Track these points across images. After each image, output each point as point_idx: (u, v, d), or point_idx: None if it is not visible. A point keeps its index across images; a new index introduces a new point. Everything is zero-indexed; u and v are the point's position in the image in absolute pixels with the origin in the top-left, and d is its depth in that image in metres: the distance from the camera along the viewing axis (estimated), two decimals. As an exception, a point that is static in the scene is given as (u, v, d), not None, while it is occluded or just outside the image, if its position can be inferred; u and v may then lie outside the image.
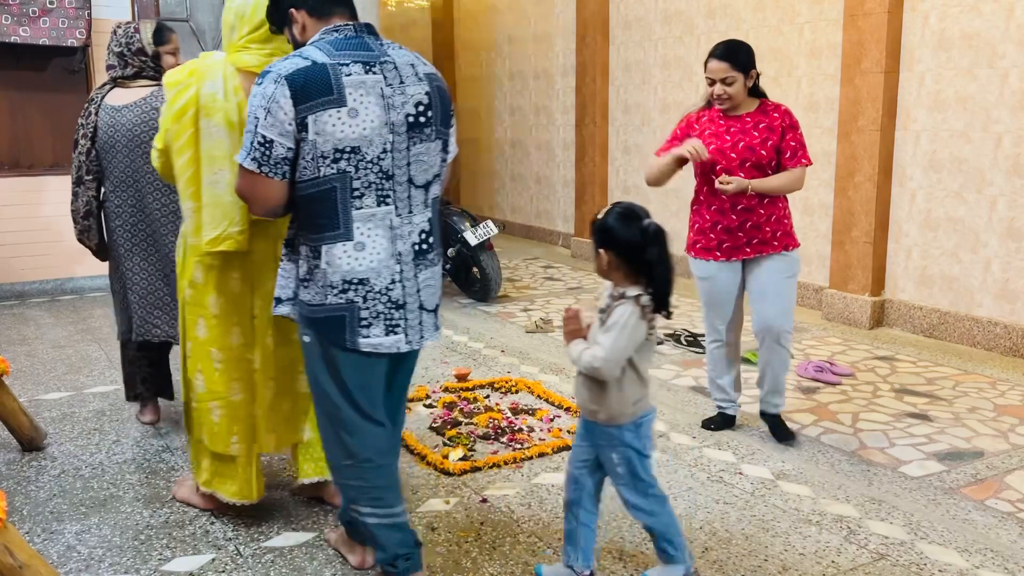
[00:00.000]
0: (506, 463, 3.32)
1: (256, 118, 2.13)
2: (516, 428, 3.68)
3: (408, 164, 2.25)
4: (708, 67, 3.35)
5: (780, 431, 3.61)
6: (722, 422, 3.76)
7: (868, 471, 3.29)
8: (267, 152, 2.13)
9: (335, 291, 2.20)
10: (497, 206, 9.86)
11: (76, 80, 6.51)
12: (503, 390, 4.23)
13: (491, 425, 3.70)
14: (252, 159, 2.14)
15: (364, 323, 2.21)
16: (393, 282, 2.24)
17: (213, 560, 2.66)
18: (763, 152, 3.35)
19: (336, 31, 2.23)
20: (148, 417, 3.76)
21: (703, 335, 5.10)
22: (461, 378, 4.32)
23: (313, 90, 2.10)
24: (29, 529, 2.86)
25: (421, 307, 2.31)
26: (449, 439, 3.57)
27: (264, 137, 2.12)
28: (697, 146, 3.28)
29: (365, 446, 2.34)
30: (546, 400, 4.07)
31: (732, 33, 6.36)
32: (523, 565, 2.61)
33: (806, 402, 4.06)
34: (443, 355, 4.79)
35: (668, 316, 2.34)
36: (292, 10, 2.29)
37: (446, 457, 3.35)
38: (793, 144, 3.37)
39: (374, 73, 2.18)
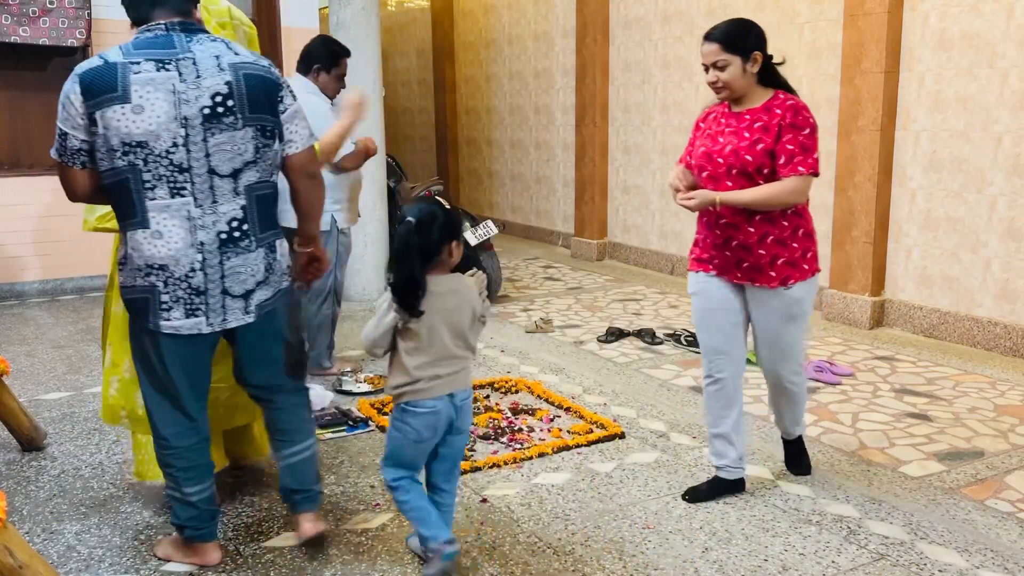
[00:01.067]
0: (506, 463, 3.32)
1: (59, 112, 2.34)
2: (516, 428, 3.68)
3: (207, 155, 2.32)
4: (701, 50, 2.87)
5: (797, 462, 3.24)
6: (718, 488, 3.06)
7: (868, 471, 3.29)
8: (63, 143, 2.34)
9: (141, 275, 2.37)
10: (497, 206, 9.86)
11: (76, 80, 6.51)
12: (503, 390, 4.23)
13: (491, 425, 3.70)
14: (55, 149, 2.37)
15: (164, 306, 2.36)
16: (193, 270, 2.35)
17: (213, 560, 2.66)
18: (748, 157, 2.77)
19: (148, 31, 2.37)
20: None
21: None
22: (461, 378, 4.32)
23: (100, 87, 2.26)
24: (29, 529, 2.86)
25: (225, 292, 2.40)
26: (449, 439, 3.57)
27: (60, 129, 2.33)
28: (675, 178, 2.98)
29: (165, 426, 2.51)
30: (546, 400, 4.07)
31: (732, 33, 6.36)
32: (523, 565, 2.61)
33: (806, 402, 4.05)
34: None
35: (412, 314, 2.35)
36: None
37: (446, 457, 3.35)
38: (790, 148, 2.75)
39: (167, 70, 2.29)
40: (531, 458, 3.38)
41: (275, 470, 3.30)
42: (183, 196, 2.31)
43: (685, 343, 4.97)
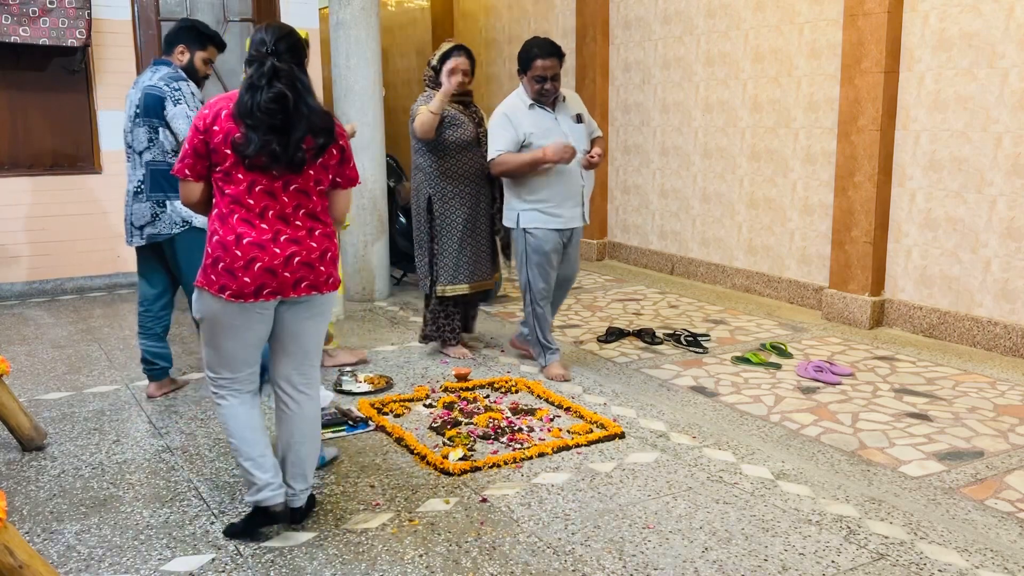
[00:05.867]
0: (506, 463, 3.32)
1: None
2: (516, 428, 3.68)
3: (133, 140, 3.97)
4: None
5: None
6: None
7: (868, 471, 3.29)
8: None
9: None
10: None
11: (76, 80, 6.51)
12: (503, 390, 4.23)
13: (491, 425, 3.70)
14: None
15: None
16: (126, 206, 4.03)
17: (213, 560, 2.66)
18: None
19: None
20: (460, 352, 4.72)
21: (704, 335, 5.12)
22: (461, 378, 4.32)
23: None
24: (29, 529, 2.86)
25: (131, 224, 3.97)
26: (449, 439, 3.57)
27: None
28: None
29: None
30: (546, 400, 4.07)
31: (732, 33, 6.37)
32: (523, 565, 2.61)
33: (806, 402, 4.06)
34: (443, 355, 4.79)
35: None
36: None
37: (446, 457, 3.35)
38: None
39: (133, 89, 4.02)
40: (531, 458, 3.38)
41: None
42: (128, 161, 4.03)
43: (685, 343, 4.97)
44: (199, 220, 3.88)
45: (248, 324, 2.68)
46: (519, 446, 3.50)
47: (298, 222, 2.67)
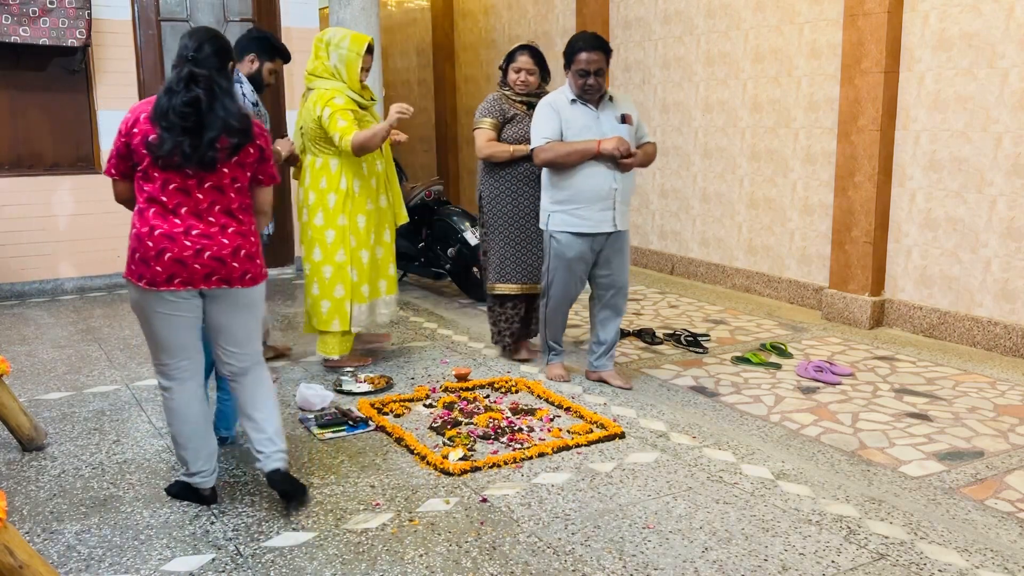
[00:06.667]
0: (506, 463, 3.32)
1: None
2: (516, 428, 3.68)
3: None
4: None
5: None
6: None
7: (868, 471, 3.29)
8: None
9: None
10: (497, 206, 9.85)
11: (76, 80, 6.51)
12: (503, 390, 4.23)
13: (491, 425, 3.70)
14: None
15: None
16: None
17: (213, 560, 2.66)
18: None
19: None
20: (524, 354, 4.68)
21: (704, 335, 5.12)
22: (461, 378, 4.32)
23: None
24: (29, 529, 2.86)
25: None
26: (449, 439, 3.57)
27: None
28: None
29: None
30: (546, 400, 4.07)
31: (732, 33, 6.37)
32: (523, 565, 2.61)
33: (806, 402, 4.06)
34: (443, 355, 4.79)
35: None
36: None
37: (446, 457, 3.35)
38: None
39: None
40: (531, 458, 3.38)
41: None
42: None
43: (685, 343, 4.97)
44: None
45: (169, 311, 2.84)
46: (519, 446, 3.50)
47: (212, 218, 2.83)
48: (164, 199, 2.79)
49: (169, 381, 2.94)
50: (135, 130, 2.80)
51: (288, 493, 2.95)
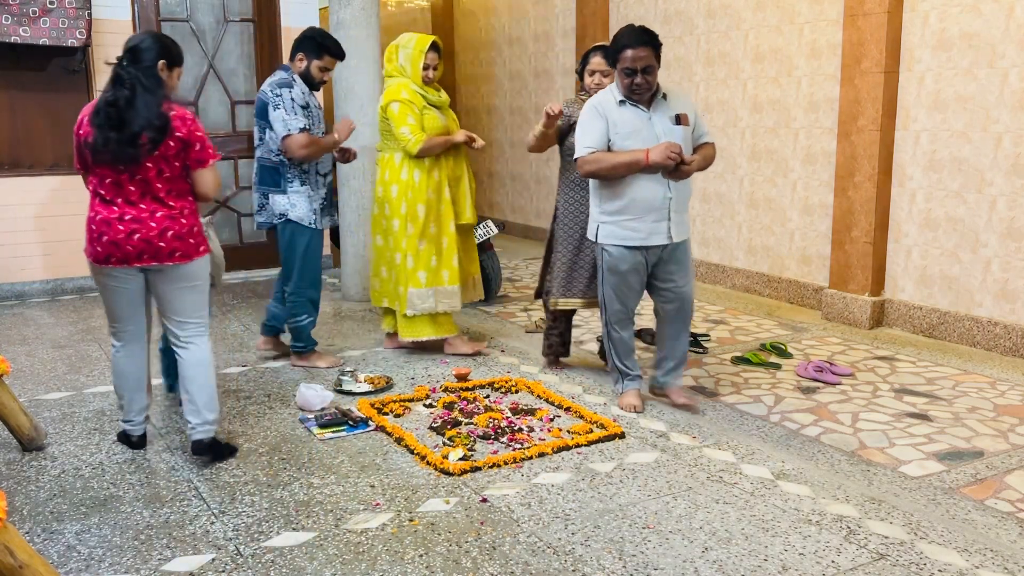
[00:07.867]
0: (506, 463, 3.32)
1: None
2: (516, 428, 3.68)
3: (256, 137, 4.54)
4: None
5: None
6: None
7: (868, 471, 3.29)
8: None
9: None
10: (497, 206, 9.86)
11: (76, 80, 6.50)
12: (503, 390, 4.23)
13: (491, 425, 3.70)
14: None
15: None
16: None
17: (213, 560, 2.66)
18: None
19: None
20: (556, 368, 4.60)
21: (704, 335, 5.11)
22: (461, 378, 4.33)
23: None
24: (29, 529, 2.86)
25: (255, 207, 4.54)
26: (449, 439, 3.57)
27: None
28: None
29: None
30: (546, 400, 4.07)
31: (732, 33, 6.37)
32: (523, 565, 2.61)
33: (806, 402, 4.06)
34: (443, 355, 4.79)
35: None
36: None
37: (446, 457, 3.35)
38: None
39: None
40: (531, 458, 3.38)
41: (273, 471, 3.30)
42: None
43: (685, 343, 4.96)
44: (294, 213, 4.33)
45: (114, 284, 3.27)
46: (519, 446, 3.50)
47: (143, 205, 3.17)
48: (102, 192, 3.19)
49: (117, 341, 3.42)
50: (81, 131, 3.19)
51: (211, 462, 3.36)
